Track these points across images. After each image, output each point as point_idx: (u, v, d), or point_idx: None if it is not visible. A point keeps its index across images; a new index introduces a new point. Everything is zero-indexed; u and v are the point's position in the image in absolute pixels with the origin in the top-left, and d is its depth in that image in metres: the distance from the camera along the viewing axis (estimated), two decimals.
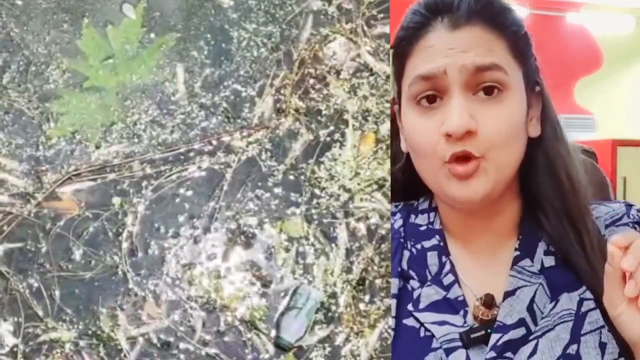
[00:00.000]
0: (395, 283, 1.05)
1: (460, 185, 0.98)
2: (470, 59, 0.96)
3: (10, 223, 1.30)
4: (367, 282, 1.31)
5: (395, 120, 1.11)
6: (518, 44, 1.01)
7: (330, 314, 1.31)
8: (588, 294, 1.01)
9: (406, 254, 1.07)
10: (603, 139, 5.32)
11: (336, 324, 1.31)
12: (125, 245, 1.31)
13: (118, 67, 1.34)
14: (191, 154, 1.33)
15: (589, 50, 5.95)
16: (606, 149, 5.24)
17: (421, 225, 1.09)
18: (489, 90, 0.97)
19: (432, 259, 1.06)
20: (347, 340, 1.31)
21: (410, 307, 1.03)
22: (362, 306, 1.31)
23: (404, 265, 1.06)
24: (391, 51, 1.07)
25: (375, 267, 1.31)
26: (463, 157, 0.97)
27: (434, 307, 1.02)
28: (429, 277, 1.05)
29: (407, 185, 1.11)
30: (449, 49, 0.97)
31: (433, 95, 0.99)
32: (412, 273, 1.06)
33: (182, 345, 1.30)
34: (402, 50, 1.03)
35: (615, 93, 5.92)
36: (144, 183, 1.32)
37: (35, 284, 1.30)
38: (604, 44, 5.97)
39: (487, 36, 0.99)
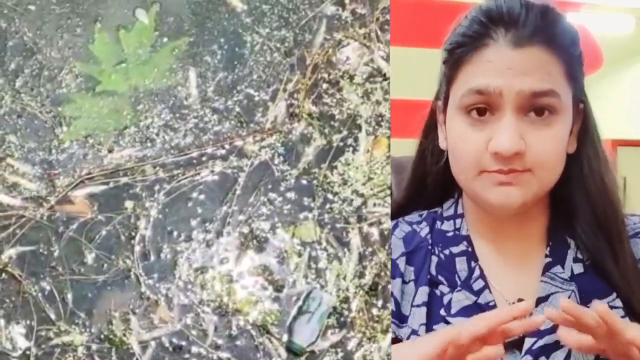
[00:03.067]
0: (425, 291, 1.05)
1: (501, 191, 0.98)
2: (528, 84, 0.95)
3: (24, 226, 1.30)
4: (379, 287, 1.32)
5: (434, 114, 1.10)
6: (573, 65, 1.00)
7: (342, 319, 1.32)
8: (617, 302, 1.03)
9: (434, 259, 1.07)
10: (603, 139, 5.33)
11: (348, 329, 1.31)
12: (137, 248, 1.31)
13: (130, 71, 1.34)
14: (204, 158, 1.33)
15: (589, 50, 5.94)
16: (606, 149, 5.25)
17: (448, 232, 1.10)
18: (539, 111, 0.97)
19: (460, 264, 1.06)
20: (359, 345, 1.31)
21: (442, 312, 1.03)
22: (374, 311, 1.32)
23: (433, 271, 1.06)
24: (444, 53, 1.05)
25: (388, 272, 1.31)
26: (507, 172, 0.97)
27: (465, 311, 1.03)
28: (459, 283, 1.05)
29: (443, 184, 1.11)
30: (507, 68, 0.96)
31: (484, 108, 0.98)
32: (441, 278, 1.06)
33: (194, 349, 1.30)
34: (457, 56, 1.01)
35: (615, 93, 5.92)
36: (157, 187, 1.32)
37: (48, 287, 1.30)
38: (604, 44, 5.96)
39: (546, 58, 0.97)
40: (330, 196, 1.34)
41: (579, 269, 1.05)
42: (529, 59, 0.97)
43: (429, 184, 1.13)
